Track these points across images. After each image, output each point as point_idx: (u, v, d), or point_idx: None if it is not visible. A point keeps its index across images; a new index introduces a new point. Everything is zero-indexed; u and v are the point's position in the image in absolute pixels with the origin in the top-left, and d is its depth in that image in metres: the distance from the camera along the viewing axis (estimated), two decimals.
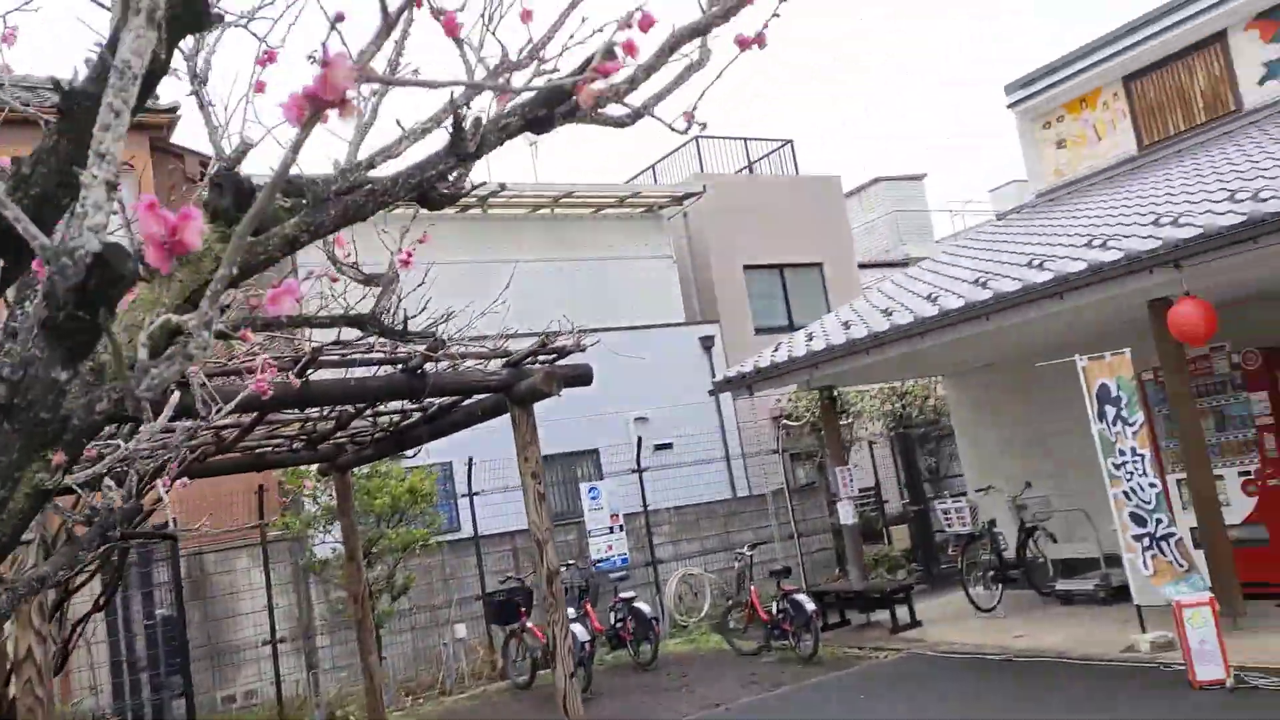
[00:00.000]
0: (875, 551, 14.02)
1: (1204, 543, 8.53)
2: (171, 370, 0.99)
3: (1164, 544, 8.23)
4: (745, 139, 20.06)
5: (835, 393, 12.50)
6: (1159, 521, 8.28)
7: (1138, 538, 8.25)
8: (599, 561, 12.23)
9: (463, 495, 12.68)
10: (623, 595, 11.47)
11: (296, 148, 0.97)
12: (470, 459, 12.22)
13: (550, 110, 1.30)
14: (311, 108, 0.91)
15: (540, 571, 5.32)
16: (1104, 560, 10.47)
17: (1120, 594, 10.04)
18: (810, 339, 11.54)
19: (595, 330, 6.58)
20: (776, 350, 11.88)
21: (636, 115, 1.35)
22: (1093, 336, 10.50)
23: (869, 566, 12.88)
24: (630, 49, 1.16)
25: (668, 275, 16.76)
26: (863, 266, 19.44)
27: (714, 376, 14.27)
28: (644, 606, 11.20)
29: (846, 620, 11.67)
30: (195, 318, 0.95)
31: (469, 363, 5.27)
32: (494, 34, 1.44)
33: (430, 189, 1.45)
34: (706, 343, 15.99)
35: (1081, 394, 8.68)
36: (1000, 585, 10.97)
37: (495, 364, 5.36)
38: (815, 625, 9.96)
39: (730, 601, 11.86)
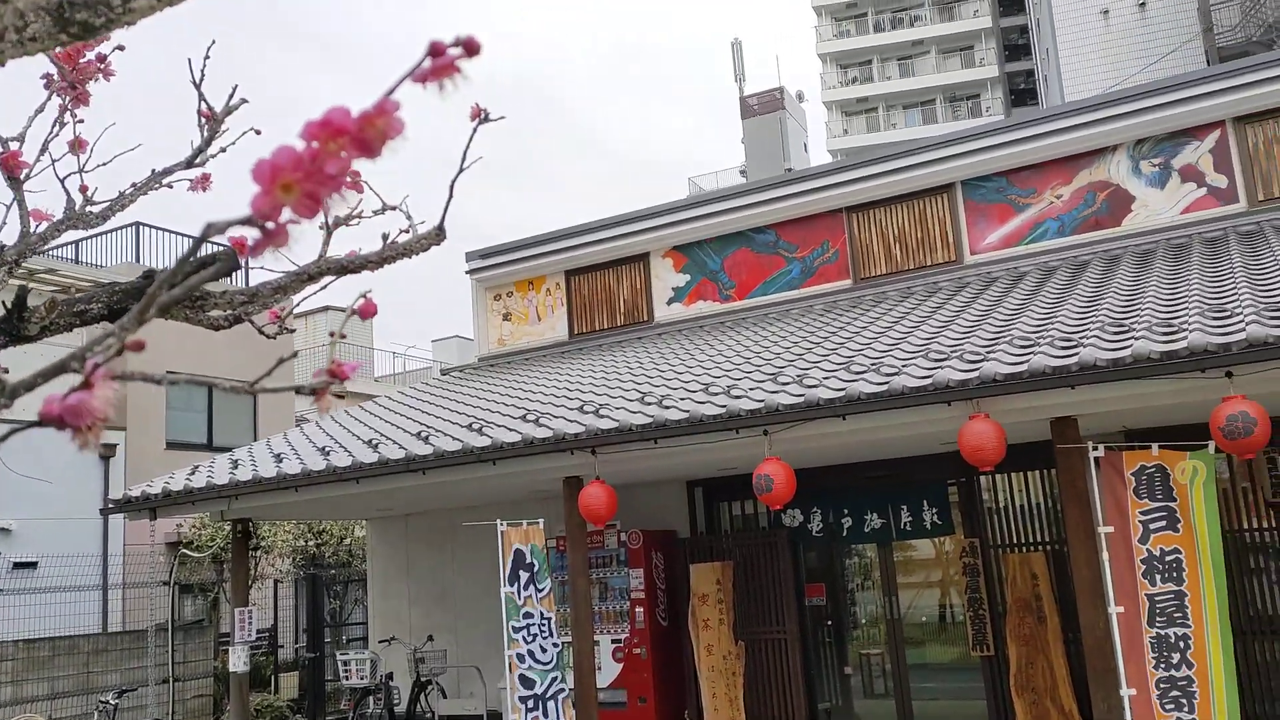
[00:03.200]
0: (260, 700, 13.09)
1: (578, 704, 9.33)
2: None
3: (550, 704, 8.84)
4: (193, 237, 18.74)
5: (251, 526, 11.72)
6: (553, 680, 8.91)
7: (524, 699, 8.77)
8: None
9: None
10: None
11: None
12: None
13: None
14: None
15: None
16: (487, 717, 10.92)
17: None
18: (236, 466, 10.76)
19: None
20: (194, 473, 10.87)
21: (235, 320, 1.18)
22: (510, 502, 11.27)
23: (251, 718, 11.95)
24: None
25: None
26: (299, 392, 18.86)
27: (109, 489, 12.57)
28: None
29: None
30: None
31: None
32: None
33: None
34: (105, 450, 14.10)
35: (490, 554, 9.18)
36: None
37: None
38: None
39: None
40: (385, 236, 1.42)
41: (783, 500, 8.07)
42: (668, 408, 8.74)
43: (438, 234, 1.45)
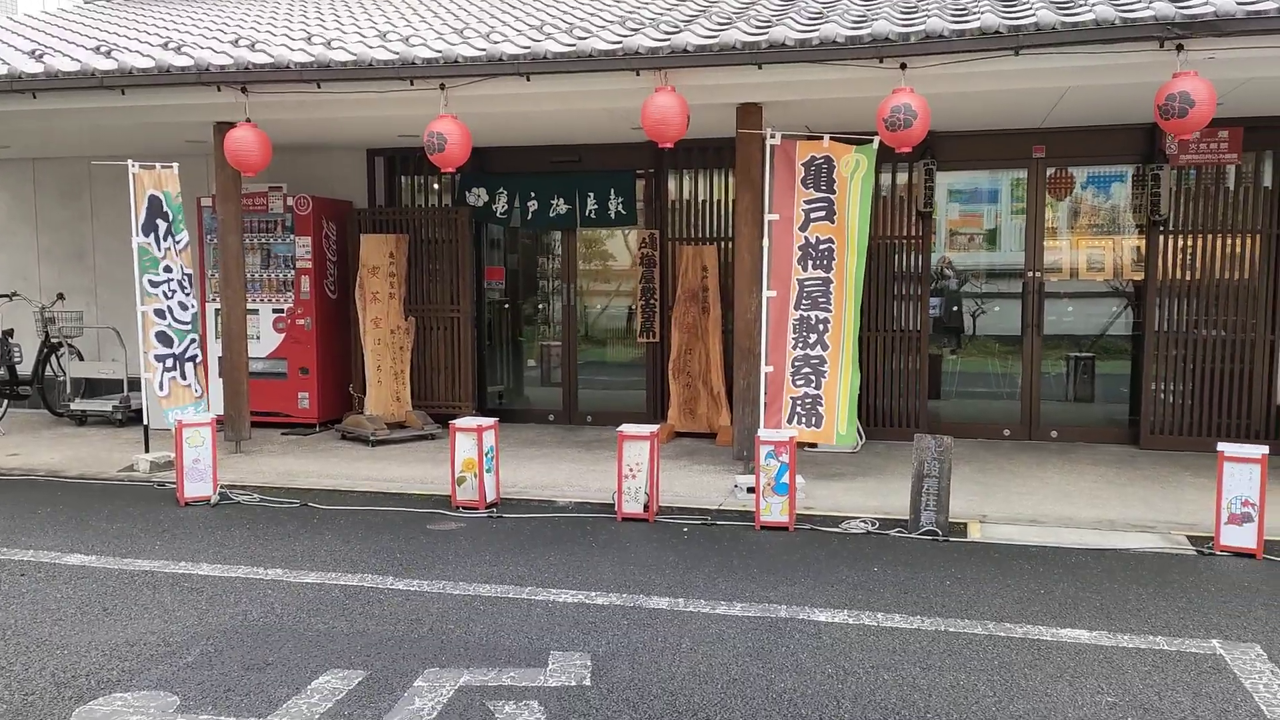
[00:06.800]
0: None
1: (226, 370, 8.72)
2: None
3: (186, 366, 8.16)
4: None
5: None
6: (191, 341, 8.19)
7: (160, 358, 8.03)
8: None
9: None
10: None
11: None
12: None
13: None
14: None
15: None
16: (129, 383, 10.08)
17: (139, 417, 9.79)
18: None
19: None
20: None
21: None
22: (163, 149, 9.92)
23: None
24: None
25: None
26: None
27: None
28: None
29: None
30: None
31: None
32: None
33: None
34: None
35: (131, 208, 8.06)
36: (6, 402, 9.79)
37: None
38: None
39: None
40: None
41: (455, 163, 7.49)
42: (335, 49, 7.71)
43: None
